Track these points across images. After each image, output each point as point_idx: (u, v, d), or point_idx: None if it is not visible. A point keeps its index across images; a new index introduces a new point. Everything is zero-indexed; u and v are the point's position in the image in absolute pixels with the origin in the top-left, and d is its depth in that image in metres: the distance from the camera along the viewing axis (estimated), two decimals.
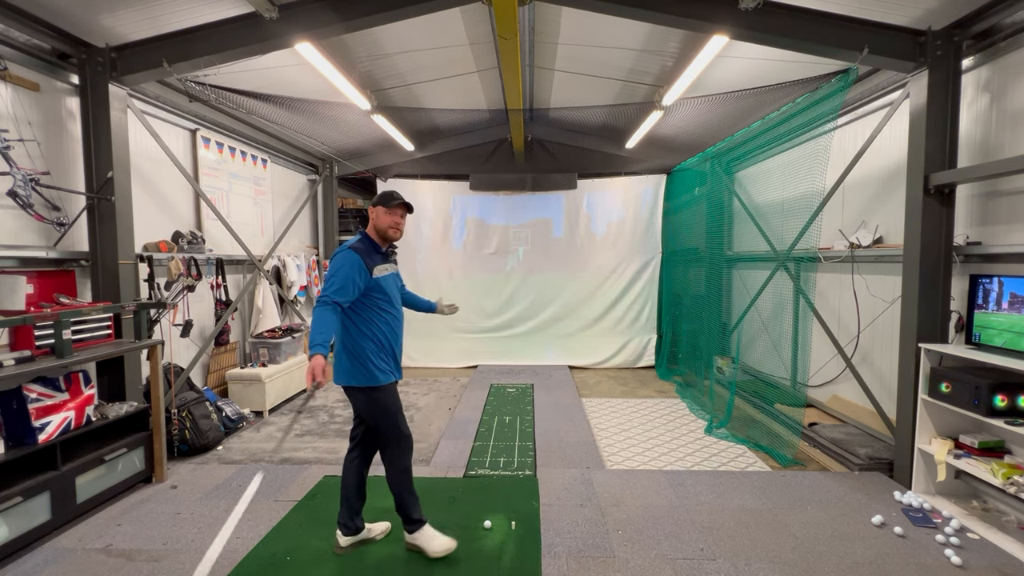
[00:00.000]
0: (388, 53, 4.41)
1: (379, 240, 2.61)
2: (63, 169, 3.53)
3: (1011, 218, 3.10)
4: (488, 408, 5.19)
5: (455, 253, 7.54)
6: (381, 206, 2.58)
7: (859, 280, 4.30)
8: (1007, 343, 2.87)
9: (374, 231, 2.61)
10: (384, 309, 2.55)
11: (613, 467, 3.75)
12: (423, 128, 6.50)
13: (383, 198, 2.60)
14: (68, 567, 2.54)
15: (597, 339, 7.38)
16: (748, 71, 4.25)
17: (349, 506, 2.66)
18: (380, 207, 2.58)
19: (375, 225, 2.60)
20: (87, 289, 3.67)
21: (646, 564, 2.55)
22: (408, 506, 2.60)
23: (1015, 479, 2.74)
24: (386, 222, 2.57)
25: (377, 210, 2.58)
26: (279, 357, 5.30)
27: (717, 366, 5.85)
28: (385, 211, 2.57)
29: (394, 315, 2.61)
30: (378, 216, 2.58)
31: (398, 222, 2.60)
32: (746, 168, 6.14)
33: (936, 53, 3.25)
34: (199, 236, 4.65)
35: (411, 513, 2.61)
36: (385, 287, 2.56)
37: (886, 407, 3.85)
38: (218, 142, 5.13)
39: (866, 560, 2.58)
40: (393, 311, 2.60)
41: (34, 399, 2.81)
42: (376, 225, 2.59)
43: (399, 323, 2.64)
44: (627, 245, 7.33)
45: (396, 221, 2.59)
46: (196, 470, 3.68)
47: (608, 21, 3.79)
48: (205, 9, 3.36)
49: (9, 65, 3.16)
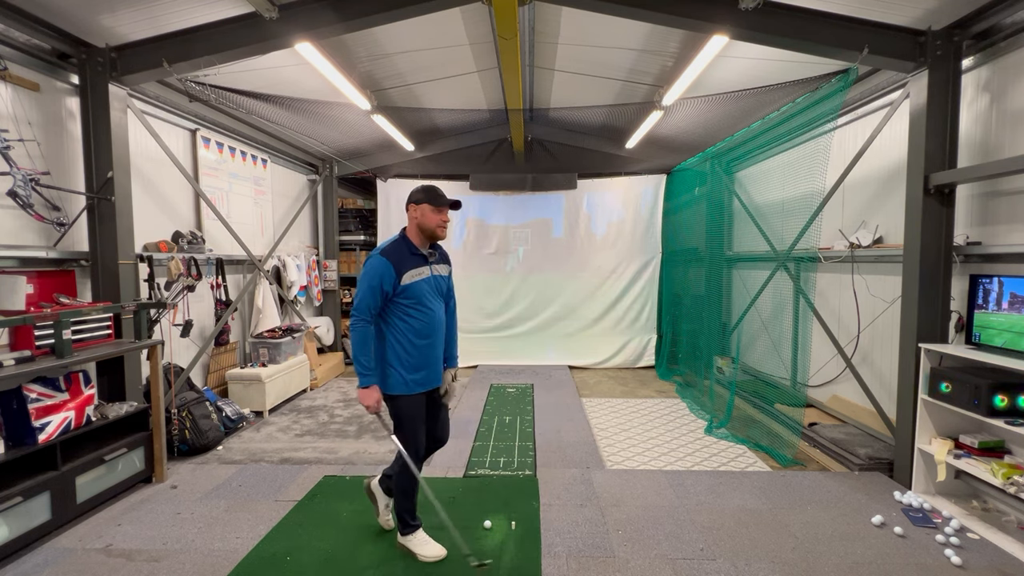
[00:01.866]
0: (388, 53, 4.41)
1: (421, 240, 2.48)
2: (63, 169, 3.53)
3: (1011, 218, 3.10)
4: (488, 408, 5.19)
5: (455, 253, 7.52)
6: (427, 204, 2.42)
7: (859, 280, 4.30)
8: (1007, 343, 2.87)
9: (416, 231, 2.47)
10: (410, 315, 2.41)
11: (613, 467, 3.75)
12: (423, 128, 6.49)
13: (428, 195, 2.44)
14: (68, 567, 2.54)
15: (597, 339, 7.38)
16: (748, 71, 4.25)
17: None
18: (426, 205, 2.42)
19: (420, 224, 2.44)
20: (87, 289, 3.67)
21: (646, 564, 2.55)
22: (405, 509, 2.61)
23: (1015, 479, 2.74)
24: (435, 221, 2.43)
25: (422, 208, 2.42)
26: (279, 357, 5.30)
27: (717, 366, 5.85)
28: (432, 209, 2.42)
29: (425, 321, 2.44)
30: (424, 215, 2.42)
31: (446, 220, 2.46)
32: (746, 168, 6.14)
33: (936, 53, 3.25)
34: (199, 236, 4.65)
35: (407, 516, 2.62)
36: (416, 292, 2.41)
37: (886, 407, 3.85)
38: (218, 142, 5.13)
39: (866, 560, 2.58)
40: (423, 317, 2.43)
41: (34, 399, 2.81)
42: (422, 224, 2.44)
43: (432, 328, 2.47)
44: (627, 245, 7.33)
45: (444, 220, 2.46)
46: (196, 470, 3.68)
47: (608, 21, 3.79)
48: (205, 9, 3.36)
49: (9, 65, 3.16)
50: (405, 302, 2.41)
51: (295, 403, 5.42)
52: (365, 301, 2.36)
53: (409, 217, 2.50)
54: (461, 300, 7.63)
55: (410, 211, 2.48)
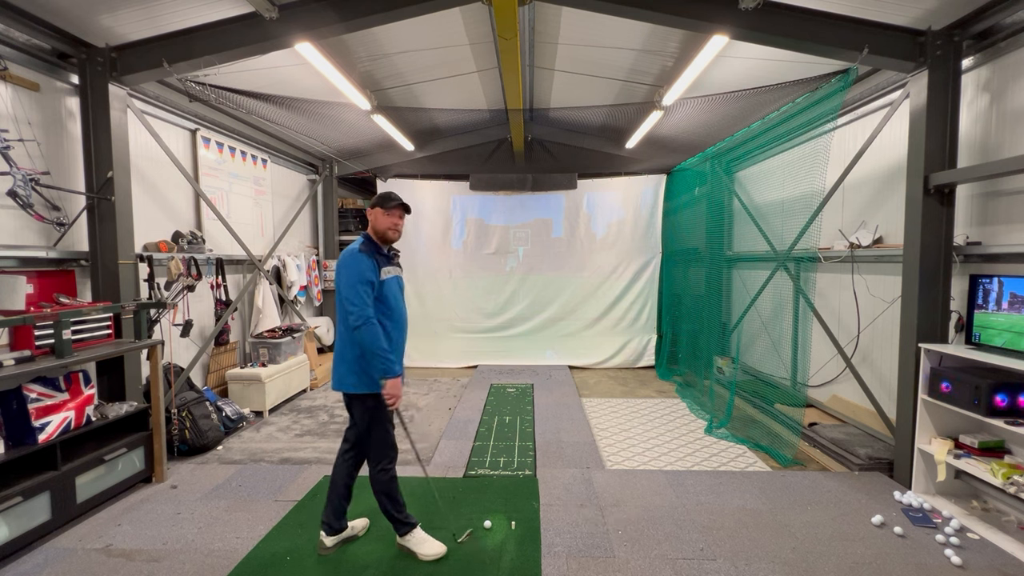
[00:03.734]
0: (388, 53, 4.41)
1: (379, 242, 2.61)
2: (63, 169, 3.53)
3: (1011, 218, 3.10)
4: (488, 408, 5.19)
5: (455, 253, 7.54)
6: (379, 207, 2.58)
7: (859, 280, 4.30)
8: (1007, 343, 2.87)
9: (373, 233, 2.62)
10: (383, 313, 2.49)
11: (613, 467, 3.75)
12: (423, 128, 6.50)
13: (381, 199, 2.60)
14: (68, 567, 2.54)
15: (597, 339, 7.38)
16: (748, 71, 4.25)
17: (336, 506, 2.66)
18: (378, 208, 2.58)
19: (374, 227, 2.60)
20: (87, 289, 3.67)
21: (646, 564, 2.55)
22: (396, 511, 2.61)
23: (1015, 479, 2.74)
24: (385, 223, 2.57)
25: (375, 212, 2.58)
26: (279, 357, 5.30)
27: (717, 366, 5.85)
28: (383, 212, 2.57)
29: (394, 323, 2.55)
30: (376, 218, 2.58)
31: (396, 223, 2.59)
32: (746, 168, 6.14)
33: (936, 53, 3.25)
34: (199, 236, 4.65)
35: (400, 517, 2.62)
36: (389, 288, 2.54)
37: (886, 407, 3.85)
38: (218, 142, 5.13)
39: (866, 560, 2.58)
40: (392, 321, 2.53)
41: (34, 399, 2.81)
42: (375, 227, 2.60)
43: (399, 330, 2.58)
44: (627, 245, 7.33)
45: (395, 222, 2.59)
46: (196, 470, 3.68)
47: (608, 21, 3.79)
48: (205, 9, 3.36)
49: (9, 65, 3.16)
50: (381, 298, 2.50)
51: (295, 403, 5.42)
52: (360, 298, 2.38)
53: (369, 221, 2.64)
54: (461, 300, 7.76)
55: (368, 215, 2.63)
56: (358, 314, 2.37)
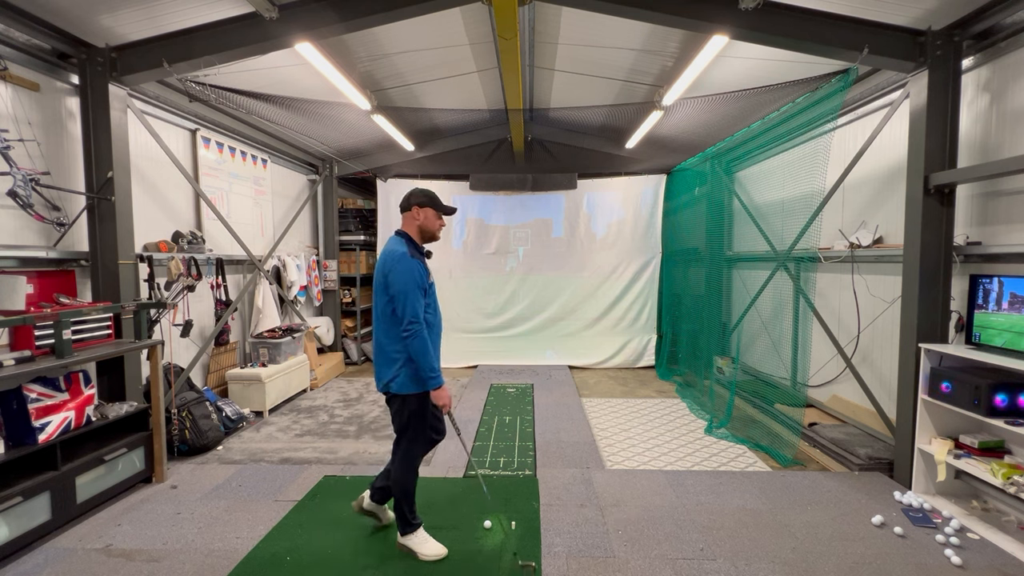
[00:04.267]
0: (388, 53, 4.41)
1: (421, 242, 2.61)
2: (63, 169, 3.53)
3: (1011, 218, 3.10)
4: (488, 408, 5.19)
5: (455, 253, 7.54)
6: (430, 208, 2.56)
7: (859, 280, 4.30)
8: (1007, 343, 2.87)
9: (417, 232, 2.58)
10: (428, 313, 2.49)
11: (613, 467, 3.75)
12: (423, 128, 6.49)
13: (431, 200, 2.58)
14: (68, 567, 2.54)
15: (597, 339, 7.38)
16: (748, 71, 4.24)
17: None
18: (429, 209, 2.56)
19: (423, 226, 2.57)
20: (87, 289, 3.67)
21: (646, 564, 2.55)
22: (408, 508, 2.61)
23: (1015, 479, 2.74)
24: (437, 225, 2.60)
25: (426, 211, 2.56)
26: (279, 357, 5.30)
27: (717, 366, 5.85)
28: (436, 215, 2.59)
29: (437, 320, 2.58)
30: (427, 218, 2.57)
31: (443, 225, 2.66)
32: (746, 168, 6.14)
33: (936, 53, 3.25)
34: (199, 236, 4.65)
35: (409, 516, 2.62)
36: (433, 290, 2.58)
37: (886, 407, 3.85)
38: (218, 142, 5.13)
39: (866, 560, 2.58)
40: (435, 314, 2.57)
41: (34, 399, 2.81)
42: (424, 226, 2.57)
43: (437, 333, 2.59)
44: (627, 245, 7.33)
45: (443, 224, 2.65)
46: (196, 470, 3.68)
47: (608, 21, 3.79)
48: (205, 9, 3.36)
49: (9, 65, 3.16)
50: (427, 301, 2.51)
51: (295, 403, 5.42)
52: (417, 305, 2.39)
53: (409, 218, 2.59)
54: (461, 300, 7.76)
55: (412, 212, 2.57)
56: (412, 321, 2.37)
